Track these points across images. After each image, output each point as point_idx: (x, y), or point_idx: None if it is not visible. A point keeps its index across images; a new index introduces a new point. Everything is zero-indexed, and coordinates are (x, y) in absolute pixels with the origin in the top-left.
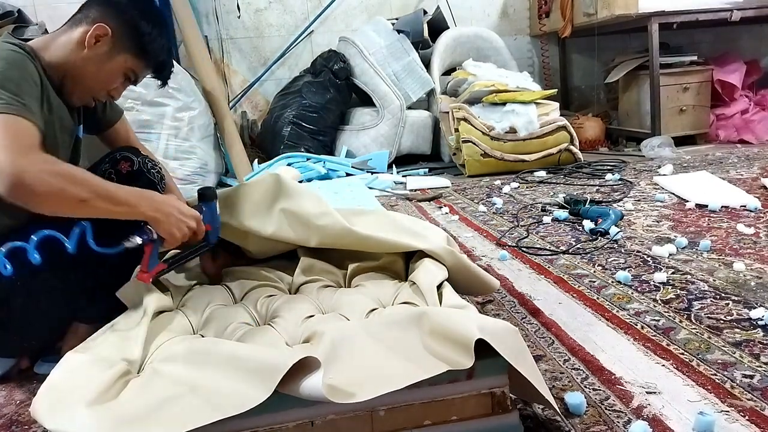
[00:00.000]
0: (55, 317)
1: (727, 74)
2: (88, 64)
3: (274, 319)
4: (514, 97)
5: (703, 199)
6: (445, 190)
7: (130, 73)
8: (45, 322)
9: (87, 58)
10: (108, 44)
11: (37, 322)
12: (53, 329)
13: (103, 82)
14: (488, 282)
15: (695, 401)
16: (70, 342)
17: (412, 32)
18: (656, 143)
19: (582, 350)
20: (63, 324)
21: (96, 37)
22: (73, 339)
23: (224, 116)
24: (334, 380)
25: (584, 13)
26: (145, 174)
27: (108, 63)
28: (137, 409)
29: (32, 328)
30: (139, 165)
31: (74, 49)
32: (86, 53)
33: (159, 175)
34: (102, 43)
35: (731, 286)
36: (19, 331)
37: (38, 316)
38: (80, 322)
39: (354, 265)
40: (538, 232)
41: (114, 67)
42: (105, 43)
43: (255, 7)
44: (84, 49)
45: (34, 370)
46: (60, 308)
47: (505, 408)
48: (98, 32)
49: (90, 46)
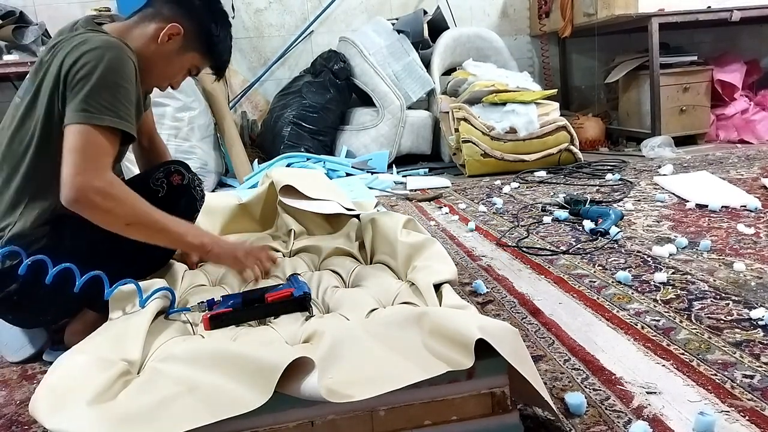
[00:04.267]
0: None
1: (727, 74)
2: (159, 58)
3: (274, 318)
4: (514, 97)
5: (704, 199)
6: (445, 190)
7: (195, 69)
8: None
9: (158, 52)
10: (179, 42)
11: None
12: (68, 312)
13: (170, 75)
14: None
15: (695, 401)
16: (75, 326)
17: (412, 32)
18: (656, 143)
19: (582, 350)
20: (76, 308)
21: (169, 35)
22: (80, 323)
23: (224, 116)
24: (334, 380)
25: (584, 13)
26: (191, 190)
27: (177, 59)
28: (136, 409)
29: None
30: (188, 180)
31: (147, 42)
32: (158, 48)
33: (201, 193)
34: (174, 41)
35: (731, 286)
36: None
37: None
38: (92, 310)
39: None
40: (538, 232)
41: (182, 64)
42: (176, 42)
43: (255, 8)
44: (156, 44)
45: (44, 357)
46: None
47: (505, 408)
48: (172, 31)
49: (162, 43)
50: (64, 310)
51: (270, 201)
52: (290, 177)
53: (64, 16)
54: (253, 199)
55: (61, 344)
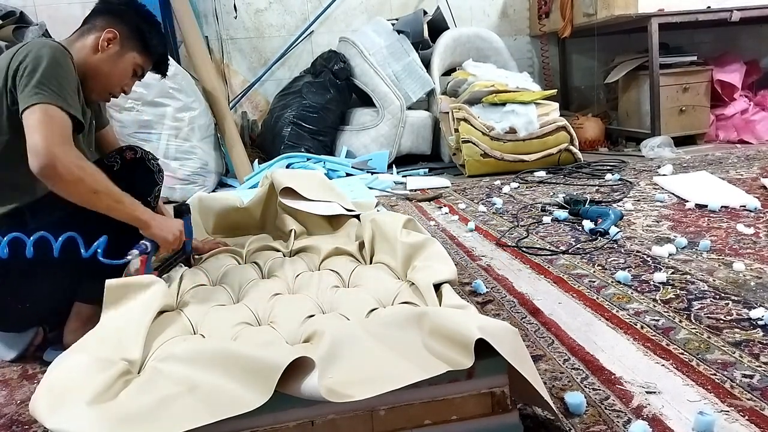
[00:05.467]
0: (56, 296)
1: (727, 74)
2: (104, 64)
3: (274, 318)
4: (513, 97)
5: (703, 199)
6: (445, 190)
7: (138, 68)
8: (46, 301)
9: (101, 59)
10: (117, 45)
11: (39, 300)
12: (54, 309)
13: (118, 78)
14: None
15: (695, 401)
16: (72, 324)
17: (412, 32)
18: (656, 143)
19: (582, 350)
20: (64, 304)
21: (107, 40)
22: (76, 321)
23: (224, 116)
24: (334, 380)
25: (584, 14)
26: (145, 162)
27: (120, 61)
28: (137, 409)
29: (34, 306)
30: (141, 154)
31: (89, 53)
32: (100, 55)
33: (158, 167)
34: (113, 45)
35: (731, 286)
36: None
37: (40, 296)
38: (82, 302)
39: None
40: (537, 232)
41: (125, 65)
42: (115, 45)
43: (255, 8)
44: (98, 52)
45: (44, 357)
46: (62, 288)
47: (505, 408)
48: (108, 36)
49: (103, 49)
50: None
51: (270, 201)
52: (290, 179)
53: (64, 16)
54: (254, 200)
55: (60, 343)
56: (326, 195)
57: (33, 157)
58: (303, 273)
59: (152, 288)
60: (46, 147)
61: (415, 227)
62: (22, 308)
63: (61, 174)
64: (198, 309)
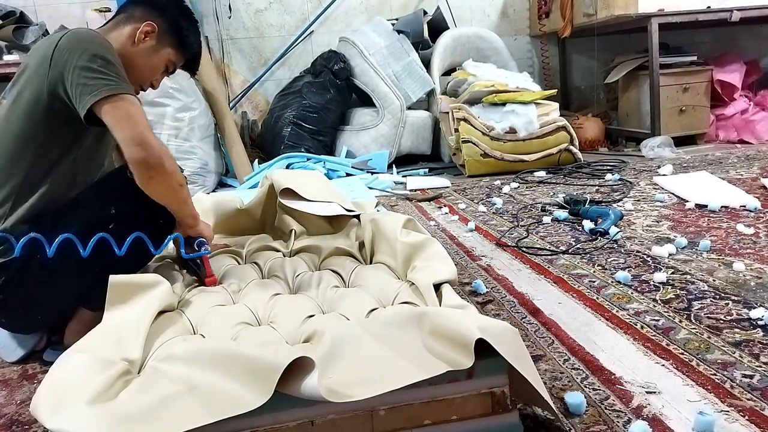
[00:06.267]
0: (68, 302)
1: (727, 74)
2: (138, 57)
3: (274, 318)
4: (513, 97)
5: (703, 199)
6: (445, 190)
7: (171, 64)
8: (58, 306)
9: (137, 51)
10: (154, 39)
11: (51, 305)
12: (64, 314)
13: (150, 73)
14: None
15: (695, 401)
16: (74, 326)
17: (412, 32)
18: (656, 143)
19: (582, 350)
20: (70, 307)
21: (145, 33)
22: (77, 324)
23: (224, 116)
24: (334, 380)
25: (584, 14)
26: None
27: (154, 56)
28: (137, 409)
29: (42, 310)
30: None
31: (124, 43)
32: (136, 47)
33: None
34: (149, 39)
35: (731, 286)
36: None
37: (53, 301)
38: (86, 308)
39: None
40: (537, 232)
41: (159, 60)
42: (152, 39)
43: (255, 8)
44: (134, 43)
45: (44, 357)
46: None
47: (505, 408)
48: (147, 29)
49: (140, 41)
50: (55, 310)
51: (270, 202)
52: (290, 179)
53: (64, 16)
54: (254, 200)
55: (61, 344)
56: (326, 195)
57: (130, 148)
58: (303, 273)
59: (157, 288)
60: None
61: (415, 227)
62: (35, 311)
63: (160, 163)
64: (198, 309)
